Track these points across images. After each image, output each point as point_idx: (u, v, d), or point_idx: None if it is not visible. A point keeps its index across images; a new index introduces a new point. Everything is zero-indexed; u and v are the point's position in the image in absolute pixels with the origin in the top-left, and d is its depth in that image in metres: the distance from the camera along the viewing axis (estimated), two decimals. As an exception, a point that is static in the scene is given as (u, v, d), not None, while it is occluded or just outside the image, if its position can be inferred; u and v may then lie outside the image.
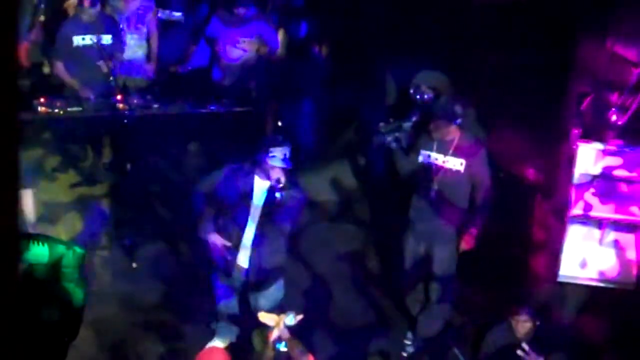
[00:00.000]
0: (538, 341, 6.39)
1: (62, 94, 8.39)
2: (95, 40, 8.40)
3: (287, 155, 6.61)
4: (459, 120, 7.01)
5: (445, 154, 7.09)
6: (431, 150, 7.12)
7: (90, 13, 8.40)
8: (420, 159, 7.16)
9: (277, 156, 6.57)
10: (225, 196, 6.75)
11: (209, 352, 6.12)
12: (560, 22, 7.16)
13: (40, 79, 8.73)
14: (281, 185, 6.55)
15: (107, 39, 8.49)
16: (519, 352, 6.18)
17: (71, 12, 8.73)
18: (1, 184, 1.50)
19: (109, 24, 8.62)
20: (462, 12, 8.12)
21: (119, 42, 8.64)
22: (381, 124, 7.27)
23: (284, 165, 6.59)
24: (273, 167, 6.59)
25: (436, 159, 7.11)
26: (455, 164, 7.07)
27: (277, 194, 6.56)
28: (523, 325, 6.48)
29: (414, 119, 7.35)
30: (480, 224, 7.13)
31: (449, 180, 7.10)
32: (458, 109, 6.99)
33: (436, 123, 7.07)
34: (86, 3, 8.39)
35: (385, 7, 9.09)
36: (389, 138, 7.21)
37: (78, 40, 8.45)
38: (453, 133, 7.07)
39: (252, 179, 6.71)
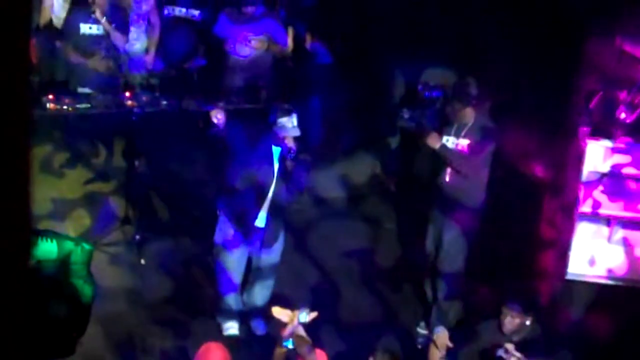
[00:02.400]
0: (534, 342, 6.27)
1: (71, 91, 8.40)
2: (101, 31, 8.42)
3: (295, 124, 6.75)
4: (473, 102, 7.07)
5: (458, 136, 7.17)
6: (449, 134, 7.20)
7: (100, 2, 8.41)
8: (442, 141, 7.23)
9: (286, 125, 6.72)
10: (250, 173, 6.90)
11: (208, 350, 6.08)
12: (570, 20, 7.15)
13: (48, 75, 8.72)
14: (293, 154, 6.76)
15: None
16: (499, 352, 5.94)
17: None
18: (13, 180, 1.51)
19: (117, 15, 8.60)
20: (471, 9, 8.11)
21: (123, 33, 8.64)
22: (404, 109, 7.35)
23: (293, 134, 6.75)
24: (284, 137, 6.75)
25: (452, 142, 7.17)
26: (463, 144, 7.13)
27: (288, 163, 6.80)
28: (511, 321, 6.26)
29: (436, 106, 7.42)
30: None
31: (461, 164, 7.13)
32: (473, 90, 7.06)
33: (452, 105, 7.15)
34: None
35: (394, 4, 9.09)
36: (412, 123, 7.29)
37: (85, 28, 8.47)
38: (469, 116, 7.13)
39: (270, 145, 6.88)
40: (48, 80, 8.51)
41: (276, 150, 6.91)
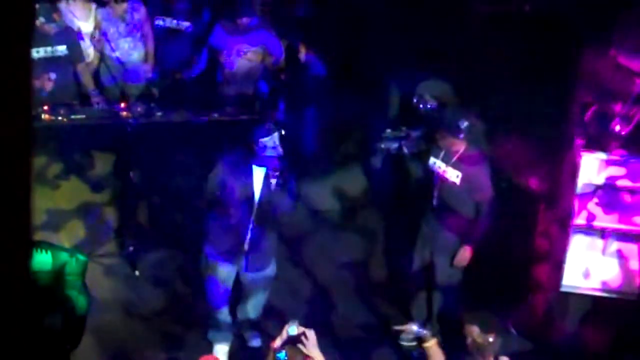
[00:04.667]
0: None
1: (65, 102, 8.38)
2: (50, 52, 8.36)
3: (277, 143, 6.69)
4: (462, 135, 6.98)
5: (447, 163, 7.10)
6: (437, 157, 7.15)
7: (46, 27, 8.32)
8: (428, 165, 7.19)
9: (268, 145, 6.66)
10: (228, 190, 6.83)
11: None
12: (565, 32, 7.17)
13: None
14: (277, 173, 6.68)
15: (62, 49, 8.44)
16: None
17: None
18: (15, 192, 1.50)
19: (65, 35, 8.54)
20: (467, 22, 8.13)
21: (77, 52, 8.58)
22: (388, 130, 7.31)
23: (274, 154, 6.69)
24: (266, 157, 6.70)
25: (439, 167, 7.13)
26: (452, 175, 7.06)
27: (273, 181, 6.70)
28: (472, 343, 5.58)
29: (422, 128, 7.38)
30: (476, 239, 7.11)
31: (450, 189, 7.10)
32: (462, 123, 6.96)
33: (441, 134, 7.08)
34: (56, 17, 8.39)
35: (388, 17, 9.11)
36: (394, 144, 7.24)
37: (32, 53, 8.31)
38: (459, 145, 7.05)
39: (251, 167, 6.80)
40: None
41: (259, 172, 6.83)
